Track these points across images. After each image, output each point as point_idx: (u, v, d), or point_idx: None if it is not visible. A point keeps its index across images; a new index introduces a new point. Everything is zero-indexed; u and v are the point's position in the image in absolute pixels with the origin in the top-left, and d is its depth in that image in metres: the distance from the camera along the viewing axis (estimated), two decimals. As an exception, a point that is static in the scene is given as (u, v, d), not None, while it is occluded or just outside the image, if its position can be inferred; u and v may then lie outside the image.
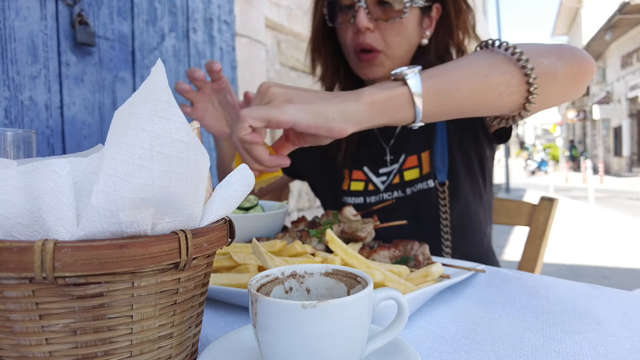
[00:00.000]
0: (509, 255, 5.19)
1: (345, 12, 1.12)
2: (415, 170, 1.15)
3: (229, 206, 0.45)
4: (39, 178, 0.34)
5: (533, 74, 0.74)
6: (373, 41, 1.09)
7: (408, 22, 1.09)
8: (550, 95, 0.81)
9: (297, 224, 0.93)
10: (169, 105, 0.36)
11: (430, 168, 1.13)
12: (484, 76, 0.75)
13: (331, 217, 0.91)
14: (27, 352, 0.36)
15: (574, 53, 0.82)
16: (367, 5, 1.07)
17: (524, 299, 0.69)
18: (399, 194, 1.16)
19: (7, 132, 0.60)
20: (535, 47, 0.81)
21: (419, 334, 0.57)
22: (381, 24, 1.08)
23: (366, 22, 1.06)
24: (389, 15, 1.07)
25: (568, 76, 0.80)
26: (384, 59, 1.12)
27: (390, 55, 1.11)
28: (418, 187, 1.13)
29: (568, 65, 0.80)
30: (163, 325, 0.41)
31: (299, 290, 0.48)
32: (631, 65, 19.81)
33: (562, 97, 0.84)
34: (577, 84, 0.83)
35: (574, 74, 0.81)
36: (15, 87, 1.29)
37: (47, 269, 0.33)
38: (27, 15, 1.31)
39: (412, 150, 1.17)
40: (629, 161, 21.61)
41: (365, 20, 1.06)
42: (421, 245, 0.78)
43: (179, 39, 1.88)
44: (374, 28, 1.08)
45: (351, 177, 1.25)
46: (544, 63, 0.77)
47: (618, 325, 0.57)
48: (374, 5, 1.07)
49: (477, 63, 0.77)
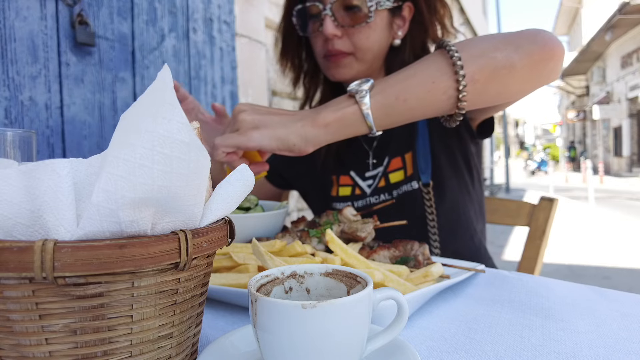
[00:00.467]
0: (508, 255, 5.19)
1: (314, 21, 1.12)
2: (400, 173, 1.16)
3: (228, 206, 0.45)
4: (39, 178, 0.34)
5: (463, 81, 0.76)
6: (342, 46, 1.09)
7: (376, 26, 1.09)
8: (512, 87, 0.81)
9: (297, 224, 0.93)
10: (172, 106, 0.36)
11: (414, 169, 1.13)
12: (430, 83, 0.78)
13: (331, 217, 0.91)
14: (27, 352, 0.36)
15: (534, 39, 0.80)
16: (332, 13, 1.07)
17: (524, 299, 0.69)
18: (386, 196, 1.16)
19: (7, 132, 0.60)
20: (492, 39, 0.81)
21: (418, 333, 0.57)
22: (348, 30, 1.08)
23: (333, 30, 1.06)
24: (355, 20, 1.07)
25: (528, 65, 0.79)
26: (352, 61, 1.12)
27: (360, 58, 1.11)
28: (403, 189, 1.13)
29: (527, 53, 0.79)
30: (163, 325, 0.41)
31: (298, 290, 0.48)
32: (631, 66, 19.81)
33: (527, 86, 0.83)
34: (542, 70, 0.82)
35: (535, 62, 0.80)
36: (15, 87, 1.29)
37: (47, 269, 0.33)
38: (27, 15, 1.31)
39: (396, 152, 1.17)
40: (629, 161, 21.61)
41: (332, 27, 1.06)
42: (421, 246, 0.78)
43: (179, 39, 1.88)
44: (342, 34, 1.08)
45: (339, 183, 1.25)
46: (497, 57, 0.78)
47: (618, 327, 0.57)
48: (340, 12, 1.07)
49: (425, 69, 0.80)
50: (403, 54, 1.15)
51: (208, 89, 2.05)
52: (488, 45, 0.80)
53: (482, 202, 1.25)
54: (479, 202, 1.23)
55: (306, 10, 1.12)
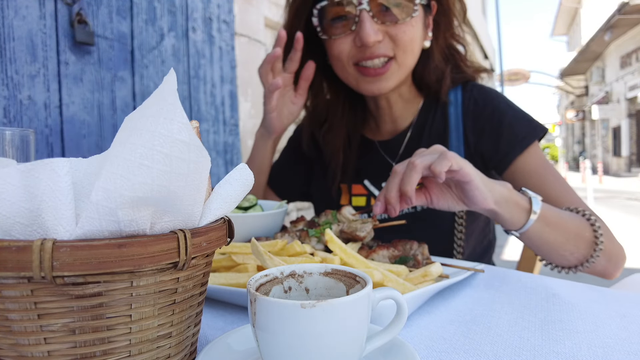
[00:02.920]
0: (508, 255, 5.20)
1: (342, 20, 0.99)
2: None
3: (228, 206, 0.45)
4: (38, 177, 0.34)
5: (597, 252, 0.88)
6: (385, 49, 0.99)
7: (417, 23, 1.01)
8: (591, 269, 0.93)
9: (296, 223, 0.92)
10: (173, 107, 0.36)
11: None
12: (577, 235, 0.88)
13: (330, 216, 0.91)
14: (25, 352, 0.36)
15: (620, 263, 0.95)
16: (370, 9, 0.96)
17: (523, 299, 0.69)
18: (409, 210, 1.09)
19: (6, 131, 0.60)
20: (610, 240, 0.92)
21: (418, 333, 0.57)
22: (390, 28, 0.98)
23: (375, 34, 0.95)
24: (399, 15, 0.97)
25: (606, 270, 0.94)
26: (394, 69, 1.02)
27: (402, 62, 1.02)
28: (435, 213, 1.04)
29: (616, 269, 0.95)
30: (162, 325, 0.41)
31: (298, 289, 0.48)
32: (630, 66, 19.83)
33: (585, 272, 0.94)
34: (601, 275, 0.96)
35: (610, 274, 0.96)
36: (14, 86, 1.29)
37: (46, 269, 0.33)
38: (26, 14, 1.31)
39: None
40: (627, 161, 21.64)
41: (374, 30, 0.95)
42: (420, 245, 0.78)
43: (178, 39, 1.88)
44: (382, 35, 0.98)
45: (351, 192, 1.19)
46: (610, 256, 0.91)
47: (617, 327, 0.57)
48: (379, 7, 0.96)
49: (577, 224, 0.89)
50: (433, 58, 1.09)
51: (207, 88, 2.05)
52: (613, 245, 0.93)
53: None
54: None
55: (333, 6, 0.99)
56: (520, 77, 26.47)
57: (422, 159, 0.78)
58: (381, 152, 1.18)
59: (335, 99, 1.19)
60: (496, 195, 0.81)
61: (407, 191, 0.78)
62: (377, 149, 1.18)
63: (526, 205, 0.84)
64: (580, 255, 0.88)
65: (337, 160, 1.19)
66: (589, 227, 0.88)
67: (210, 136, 2.14)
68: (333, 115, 1.20)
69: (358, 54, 1.00)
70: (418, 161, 0.78)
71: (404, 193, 0.79)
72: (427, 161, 0.78)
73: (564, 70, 26.91)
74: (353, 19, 0.97)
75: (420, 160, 0.78)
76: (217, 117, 2.16)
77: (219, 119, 2.17)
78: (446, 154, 0.76)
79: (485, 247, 1.18)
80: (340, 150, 1.18)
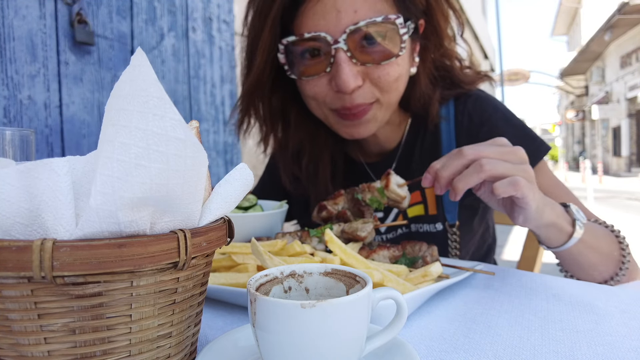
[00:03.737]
0: (508, 255, 5.20)
1: (315, 59, 0.84)
2: (420, 207, 1.04)
3: (228, 205, 0.45)
4: (37, 177, 0.34)
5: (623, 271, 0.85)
6: (364, 98, 0.86)
7: (403, 59, 0.87)
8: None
9: (335, 199, 0.85)
10: (161, 101, 0.35)
11: (438, 210, 1.01)
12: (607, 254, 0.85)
13: (376, 193, 0.83)
14: (25, 352, 0.36)
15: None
16: (348, 48, 0.80)
17: (522, 299, 0.69)
18: (402, 230, 1.05)
19: (6, 131, 0.60)
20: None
21: (417, 333, 0.57)
22: (371, 70, 0.84)
23: (354, 79, 0.81)
24: (383, 55, 0.83)
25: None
26: (376, 112, 0.90)
27: (386, 103, 0.90)
28: (424, 228, 1.02)
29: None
30: (162, 325, 0.41)
31: (298, 289, 0.48)
32: (630, 66, 19.83)
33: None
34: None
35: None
36: (14, 86, 1.29)
37: (46, 268, 0.33)
38: (26, 14, 1.31)
39: (414, 186, 1.03)
40: (627, 161, 21.64)
41: (353, 74, 0.81)
42: (429, 247, 0.77)
43: (178, 38, 1.88)
44: (362, 79, 0.84)
45: None
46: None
47: (616, 324, 0.57)
48: (359, 45, 0.81)
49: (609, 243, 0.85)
50: (419, 84, 0.97)
51: (207, 88, 2.05)
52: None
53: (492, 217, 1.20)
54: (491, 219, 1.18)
55: (303, 42, 0.83)
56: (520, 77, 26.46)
57: (493, 167, 0.68)
58: (370, 174, 1.11)
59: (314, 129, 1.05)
60: (542, 221, 0.75)
61: (458, 188, 0.70)
62: (365, 170, 1.11)
63: (569, 230, 0.78)
64: (607, 274, 0.85)
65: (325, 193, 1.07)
66: (618, 246, 0.86)
67: (210, 136, 2.14)
68: (313, 144, 1.07)
69: (336, 100, 0.87)
70: (488, 167, 0.68)
71: (455, 188, 0.71)
72: (497, 172, 0.68)
73: (564, 70, 26.92)
74: (328, 58, 0.83)
75: (490, 167, 0.68)
76: (217, 117, 2.16)
77: (219, 119, 2.17)
78: (517, 182, 0.67)
79: (484, 252, 1.16)
80: (329, 181, 1.09)
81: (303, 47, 0.84)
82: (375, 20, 0.80)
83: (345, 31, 0.79)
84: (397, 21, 0.82)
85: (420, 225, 1.03)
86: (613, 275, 0.85)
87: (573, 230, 0.78)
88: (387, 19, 0.81)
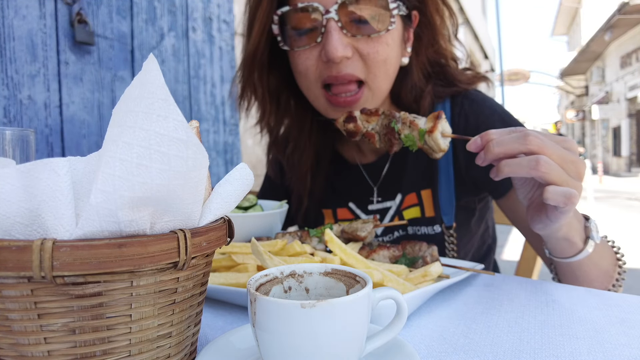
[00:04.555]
0: (508, 255, 5.20)
1: (307, 30, 0.86)
2: (416, 209, 1.02)
3: (228, 205, 0.45)
4: (37, 177, 0.34)
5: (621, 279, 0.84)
6: (353, 69, 0.85)
7: (393, 40, 0.87)
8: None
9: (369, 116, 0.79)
10: (166, 103, 0.36)
11: (435, 212, 1.00)
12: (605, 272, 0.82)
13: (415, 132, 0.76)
14: (25, 351, 0.36)
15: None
16: (339, 18, 0.82)
17: (522, 299, 0.69)
18: (400, 233, 1.03)
19: (6, 130, 0.60)
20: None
21: (417, 333, 0.57)
22: (361, 44, 0.84)
23: (343, 48, 0.82)
24: (373, 28, 0.83)
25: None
26: (368, 97, 0.90)
27: (375, 88, 0.89)
28: (422, 230, 1.01)
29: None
30: (162, 325, 0.41)
31: (298, 289, 0.48)
32: (630, 66, 19.83)
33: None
34: None
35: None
36: (14, 86, 1.29)
37: (46, 268, 0.33)
38: (26, 14, 1.31)
39: (410, 188, 1.03)
40: (627, 161, 21.64)
41: (342, 43, 0.82)
42: (430, 247, 0.77)
43: (179, 38, 1.88)
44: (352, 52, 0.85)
45: (337, 217, 1.11)
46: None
47: (616, 332, 0.57)
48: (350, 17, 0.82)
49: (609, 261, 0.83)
50: (412, 75, 0.96)
51: (207, 88, 2.05)
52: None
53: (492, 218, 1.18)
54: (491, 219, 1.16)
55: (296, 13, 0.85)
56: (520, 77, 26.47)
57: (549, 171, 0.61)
58: (365, 176, 1.09)
59: (303, 115, 1.04)
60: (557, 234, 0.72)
61: (503, 172, 0.65)
62: (361, 172, 1.09)
63: (579, 246, 0.76)
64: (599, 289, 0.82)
65: (304, 185, 1.08)
66: (615, 263, 0.83)
67: (210, 136, 2.14)
68: (299, 132, 1.06)
69: (325, 70, 0.87)
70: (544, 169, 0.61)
71: (500, 170, 0.65)
72: (550, 178, 0.62)
73: (564, 70, 26.92)
74: (319, 29, 0.84)
75: (546, 170, 0.61)
76: (217, 117, 2.16)
77: (219, 119, 2.17)
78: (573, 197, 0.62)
79: (484, 253, 1.15)
80: (308, 174, 1.08)
81: (296, 18, 0.85)
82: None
83: (337, 1, 0.81)
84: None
85: (418, 228, 1.02)
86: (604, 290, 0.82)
87: (584, 247, 0.76)
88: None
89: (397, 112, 0.82)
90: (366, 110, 0.83)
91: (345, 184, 1.11)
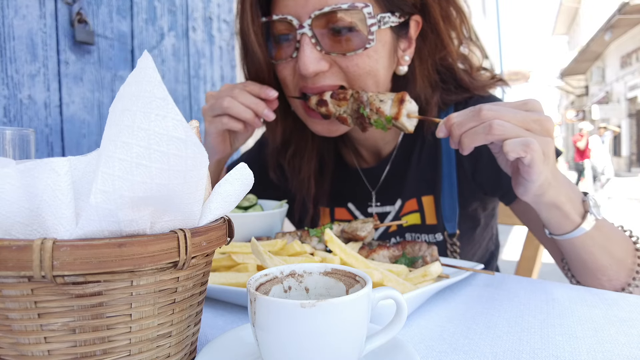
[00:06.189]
0: (508, 255, 5.20)
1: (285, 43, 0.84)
2: (416, 215, 1.00)
3: (228, 205, 0.45)
4: (37, 177, 0.34)
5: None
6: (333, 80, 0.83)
7: (376, 53, 0.82)
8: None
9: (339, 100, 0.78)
10: (165, 102, 0.35)
11: (438, 219, 0.97)
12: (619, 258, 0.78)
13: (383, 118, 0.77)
14: (25, 351, 0.36)
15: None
16: (313, 34, 0.78)
17: (522, 299, 0.69)
18: (397, 239, 1.02)
19: (6, 130, 0.60)
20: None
21: (417, 333, 0.57)
22: (338, 57, 0.81)
23: (315, 63, 0.79)
24: (348, 45, 0.79)
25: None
26: None
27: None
28: (422, 238, 0.99)
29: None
30: (162, 324, 0.41)
31: (297, 289, 0.48)
32: (630, 66, 19.82)
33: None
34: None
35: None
36: (14, 86, 1.29)
37: (46, 268, 0.33)
38: (26, 14, 1.31)
39: (410, 194, 1.00)
40: (627, 161, 21.64)
41: (314, 59, 0.79)
42: (429, 247, 0.76)
43: (179, 38, 1.87)
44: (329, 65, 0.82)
45: (334, 217, 1.10)
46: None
47: (616, 332, 0.57)
48: (325, 32, 0.79)
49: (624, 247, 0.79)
50: (414, 84, 0.91)
51: (207, 88, 2.05)
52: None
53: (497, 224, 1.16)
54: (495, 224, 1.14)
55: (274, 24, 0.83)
56: (520, 77, 26.44)
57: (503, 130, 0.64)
58: (363, 180, 1.08)
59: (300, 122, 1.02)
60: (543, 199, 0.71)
61: (464, 144, 0.67)
62: (360, 176, 1.08)
63: (575, 220, 0.73)
64: (617, 283, 0.79)
65: (307, 189, 1.06)
66: (634, 253, 0.79)
67: (210, 136, 2.13)
68: (300, 139, 1.05)
69: (301, 81, 0.85)
70: (498, 131, 0.63)
71: (461, 143, 0.67)
72: (506, 135, 0.64)
73: (564, 70, 26.91)
74: (294, 44, 0.82)
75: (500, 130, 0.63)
76: (217, 117, 2.15)
77: (219, 119, 2.16)
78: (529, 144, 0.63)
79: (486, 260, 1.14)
80: (312, 178, 1.07)
81: (274, 30, 0.84)
82: (341, 7, 0.77)
83: (311, 16, 0.78)
84: (365, 10, 0.78)
85: (418, 235, 1.00)
86: (625, 285, 0.79)
87: (581, 221, 0.73)
88: (353, 6, 0.77)
89: (365, 94, 0.81)
90: (335, 94, 0.82)
91: (345, 186, 1.10)
